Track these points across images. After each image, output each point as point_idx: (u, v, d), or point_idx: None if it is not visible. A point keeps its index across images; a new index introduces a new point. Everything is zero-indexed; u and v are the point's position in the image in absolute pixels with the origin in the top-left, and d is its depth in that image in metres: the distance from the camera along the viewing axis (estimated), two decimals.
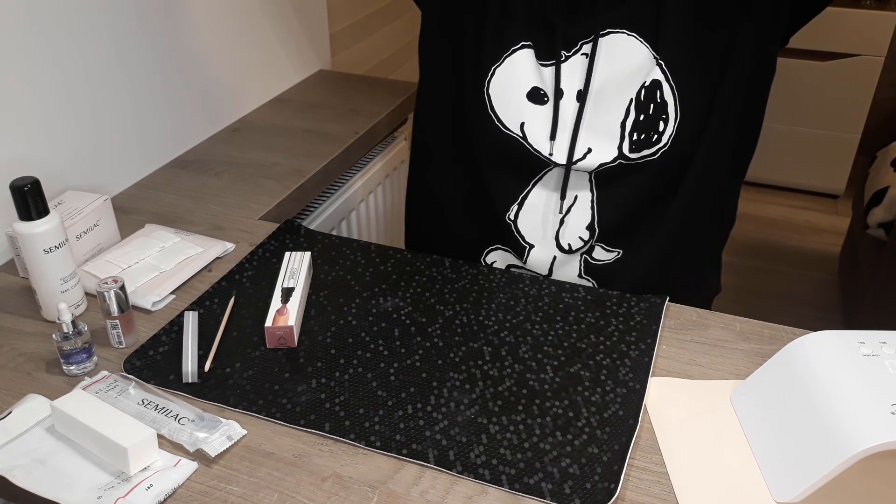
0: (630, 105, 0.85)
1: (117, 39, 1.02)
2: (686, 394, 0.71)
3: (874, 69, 2.61)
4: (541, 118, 0.88)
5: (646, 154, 0.86)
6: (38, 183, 0.73)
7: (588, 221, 0.90)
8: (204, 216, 1.00)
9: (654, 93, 0.84)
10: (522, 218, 0.92)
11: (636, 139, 0.86)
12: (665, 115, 0.85)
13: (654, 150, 0.86)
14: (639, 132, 0.85)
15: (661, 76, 0.84)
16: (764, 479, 0.62)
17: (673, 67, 0.84)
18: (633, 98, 0.84)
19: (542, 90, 0.87)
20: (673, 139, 0.86)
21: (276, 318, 0.75)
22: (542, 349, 0.75)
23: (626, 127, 0.85)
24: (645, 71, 0.84)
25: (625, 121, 0.85)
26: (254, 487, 0.61)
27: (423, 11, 0.97)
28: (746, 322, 0.80)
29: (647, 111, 0.85)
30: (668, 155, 0.87)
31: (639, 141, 0.86)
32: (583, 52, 0.86)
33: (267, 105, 1.36)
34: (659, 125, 0.85)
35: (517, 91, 0.88)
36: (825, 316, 2.24)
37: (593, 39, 0.85)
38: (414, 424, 0.66)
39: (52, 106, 0.95)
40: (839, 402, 0.58)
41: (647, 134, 0.85)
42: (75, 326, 0.71)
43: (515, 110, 0.88)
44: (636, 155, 0.86)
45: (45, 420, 0.66)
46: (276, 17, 1.35)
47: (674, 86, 0.84)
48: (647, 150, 0.86)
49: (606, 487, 0.60)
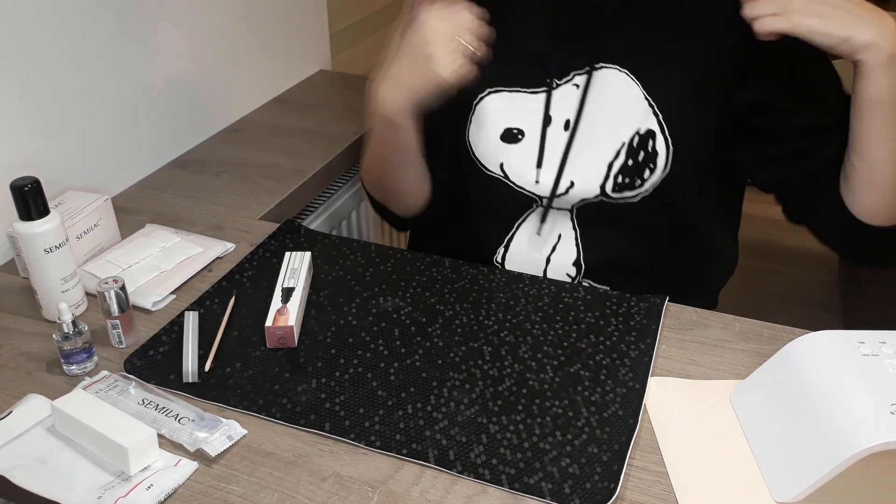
0: (621, 148, 0.84)
1: (118, 39, 1.02)
2: (686, 394, 0.71)
3: None
4: (516, 155, 0.87)
5: (626, 195, 0.86)
6: (38, 183, 0.73)
7: (574, 258, 0.90)
8: (204, 216, 1.00)
9: (647, 142, 0.84)
10: (510, 260, 0.93)
11: (620, 181, 0.85)
12: (653, 165, 0.84)
13: (635, 193, 0.86)
14: (624, 175, 0.85)
15: (657, 127, 0.83)
16: (763, 478, 0.62)
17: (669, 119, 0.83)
18: (626, 143, 0.84)
19: (514, 129, 0.86)
20: (656, 188, 0.85)
21: (276, 318, 0.75)
22: (541, 349, 0.75)
23: (612, 168, 0.85)
24: (640, 117, 0.83)
25: (612, 162, 0.84)
26: (254, 487, 0.61)
27: None
28: (746, 322, 0.80)
29: (636, 157, 0.84)
30: (648, 200, 0.86)
31: (622, 184, 0.85)
32: (574, 83, 0.85)
33: (267, 105, 1.36)
34: (645, 173, 0.84)
35: (491, 135, 0.88)
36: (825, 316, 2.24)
37: (588, 72, 0.85)
38: (414, 424, 0.66)
39: (53, 106, 0.95)
40: (839, 402, 0.58)
41: (632, 179, 0.85)
42: (76, 326, 0.71)
43: (493, 153, 0.88)
44: (617, 195, 0.86)
45: (46, 420, 0.66)
46: (276, 17, 1.35)
47: (669, 139, 0.83)
48: (628, 192, 0.86)
49: (606, 487, 0.60)
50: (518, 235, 0.92)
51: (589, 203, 0.87)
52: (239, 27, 1.26)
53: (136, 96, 1.07)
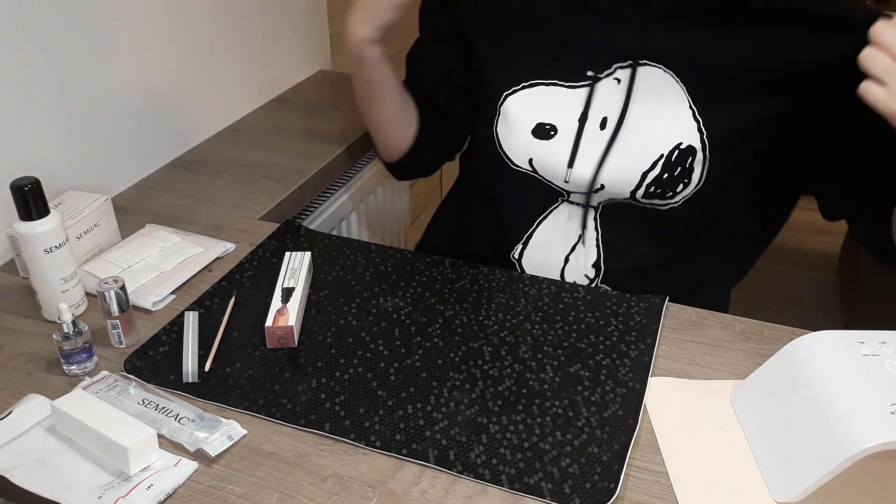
0: (659, 160, 0.82)
1: (118, 39, 1.02)
2: (686, 394, 0.71)
3: None
4: (548, 152, 0.86)
5: (655, 203, 0.85)
6: (38, 183, 0.73)
7: (594, 259, 0.90)
8: (204, 216, 1.00)
9: (686, 158, 0.82)
10: (527, 258, 0.92)
11: (651, 191, 0.84)
12: (688, 181, 0.83)
13: (665, 202, 0.85)
14: (656, 186, 0.84)
15: (699, 145, 0.81)
16: (763, 478, 0.62)
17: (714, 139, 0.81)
18: (665, 154, 0.82)
19: (547, 125, 0.85)
20: (686, 201, 0.84)
21: (276, 318, 0.75)
22: (541, 349, 0.75)
23: (646, 178, 0.83)
24: (683, 129, 0.81)
25: (648, 171, 0.83)
26: (254, 487, 0.61)
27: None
28: (746, 322, 0.80)
29: (672, 171, 0.83)
30: (676, 209, 0.85)
31: (653, 193, 0.84)
32: (615, 77, 0.83)
33: (267, 105, 1.36)
34: (678, 187, 0.84)
35: (521, 130, 0.87)
36: (825, 316, 2.24)
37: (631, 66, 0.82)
38: (414, 424, 0.66)
39: (53, 106, 0.95)
40: (839, 402, 0.58)
41: (664, 190, 0.84)
42: (76, 326, 0.71)
43: (522, 148, 0.88)
44: (646, 201, 0.85)
45: (46, 420, 0.66)
46: (276, 17, 1.35)
47: (708, 159, 0.82)
48: (658, 200, 0.85)
49: (606, 487, 0.60)
50: (538, 233, 0.91)
51: (615, 202, 0.87)
52: (239, 27, 1.26)
53: (137, 96, 1.07)
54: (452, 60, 0.96)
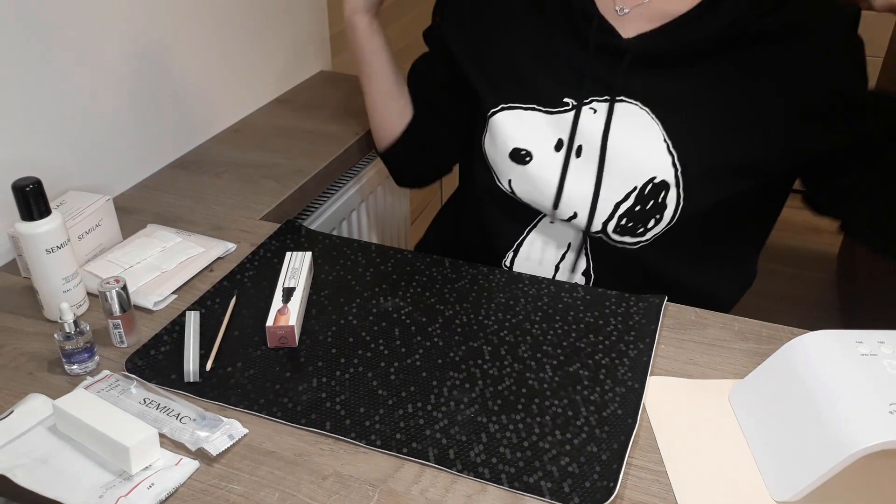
0: (632, 192, 0.83)
1: (118, 40, 1.02)
2: (685, 393, 0.71)
3: (873, 69, 2.61)
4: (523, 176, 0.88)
5: (626, 241, 0.86)
6: (39, 183, 0.73)
7: (584, 268, 0.90)
8: (205, 216, 1.00)
9: (659, 193, 0.82)
10: (517, 265, 0.93)
11: (623, 224, 0.84)
12: (659, 217, 0.83)
13: (636, 240, 0.85)
14: (628, 219, 0.84)
15: (673, 181, 0.81)
16: (762, 478, 0.62)
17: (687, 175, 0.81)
18: (638, 188, 0.83)
19: (522, 150, 0.86)
20: (657, 239, 0.85)
21: (277, 318, 0.76)
22: (541, 348, 0.76)
23: (618, 209, 0.84)
24: (658, 164, 0.82)
25: (620, 202, 0.84)
26: (255, 486, 0.61)
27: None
28: (745, 321, 0.81)
29: (644, 205, 0.83)
30: (647, 248, 0.86)
31: (624, 227, 0.84)
32: (591, 107, 0.84)
33: (268, 106, 1.36)
34: (650, 222, 0.84)
35: (501, 152, 0.89)
36: (823, 316, 2.25)
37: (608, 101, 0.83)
38: (414, 423, 0.67)
39: (54, 106, 0.95)
40: (837, 402, 0.59)
41: (635, 224, 0.84)
42: (77, 326, 0.71)
43: (502, 169, 0.89)
44: (617, 238, 0.85)
45: (47, 419, 0.67)
46: (276, 17, 1.35)
47: (682, 195, 0.82)
48: (629, 237, 0.85)
49: (605, 486, 0.61)
50: (527, 242, 0.92)
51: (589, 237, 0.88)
52: (239, 28, 1.26)
53: (138, 97, 1.08)
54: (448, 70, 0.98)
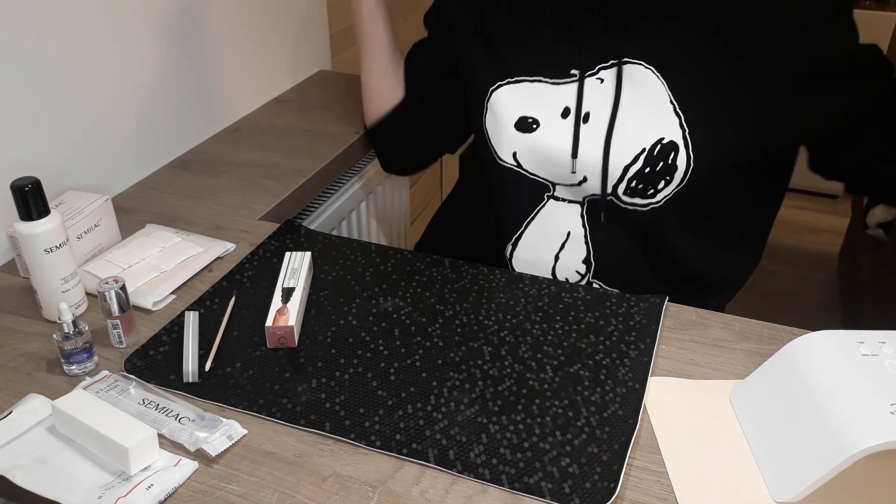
0: (641, 153, 0.83)
1: (118, 40, 1.02)
2: (685, 394, 0.71)
3: None
4: (530, 144, 0.88)
5: (637, 203, 0.85)
6: (38, 183, 0.73)
7: (584, 255, 0.90)
8: (204, 216, 1.00)
9: (668, 153, 0.82)
10: (518, 258, 0.93)
11: (633, 186, 0.84)
12: (670, 178, 0.83)
13: (646, 202, 0.85)
14: (638, 181, 0.84)
15: (681, 141, 0.81)
16: (763, 478, 0.62)
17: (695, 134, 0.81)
18: (647, 148, 0.83)
19: (529, 118, 0.87)
20: (668, 200, 0.84)
21: (276, 318, 0.76)
22: (541, 349, 0.75)
23: (628, 171, 0.84)
24: (665, 124, 0.82)
25: (630, 165, 0.84)
26: (254, 487, 0.61)
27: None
28: (746, 322, 0.80)
29: (654, 166, 0.83)
30: (658, 211, 0.86)
31: (634, 189, 0.84)
32: (598, 77, 0.85)
33: (267, 105, 1.36)
34: (660, 184, 0.84)
35: (505, 123, 0.89)
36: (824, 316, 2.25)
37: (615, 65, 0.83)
38: (414, 424, 0.67)
39: (53, 106, 0.95)
40: (838, 402, 0.58)
41: (645, 186, 0.84)
42: (76, 326, 0.71)
43: (506, 141, 0.89)
44: (628, 199, 0.85)
45: (46, 420, 0.66)
46: (276, 17, 1.35)
47: (691, 156, 0.82)
48: (639, 199, 0.85)
49: (606, 487, 0.60)
50: (528, 232, 0.92)
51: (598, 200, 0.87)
52: (239, 27, 1.26)
53: (137, 96, 1.08)
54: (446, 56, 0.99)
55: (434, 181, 2.24)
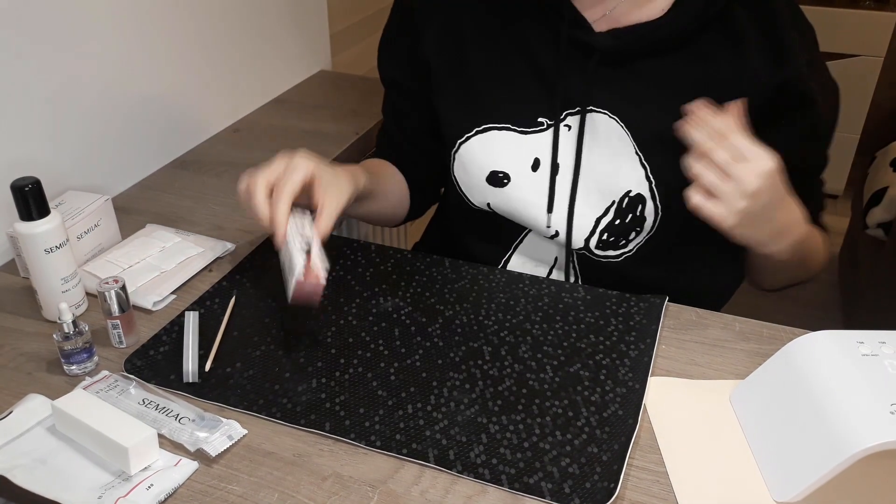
0: (611, 206, 0.84)
1: (118, 40, 1.02)
2: (685, 394, 0.71)
3: (873, 69, 2.62)
4: (502, 199, 0.87)
5: (609, 254, 0.86)
6: (38, 183, 0.73)
7: (572, 281, 0.90)
8: (204, 216, 1.00)
9: (637, 206, 0.83)
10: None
11: (605, 239, 0.85)
12: (640, 229, 0.84)
13: (618, 252, 0.86)
14: (609, 234, 0.85)
15: (648, 193, 0.82)
16: (763, 478, 0.62)
17: (662, 186, 0.82)
18: (616, 202, 0.83)
19: (500, 173, 0.86)
20: (640, 246, 0.85)
21: (306, 271, 0.71)
22: (541, 349, 0.75)
23: (599, 223, 0.84)
24: (632, 176, 0.82)
25: (601, 217, 0.84)
26: (254, 487, 0.61)
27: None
28: (746, 322, 0.80)
29: (623, 218, 0.84)
30: (630, 259, 0.86)
31: (606, 241, 0.85)
32: (565, 124, 0.84)
33: (267, 105, 1.36)
34: (630, 234, 0.84)
35: (476, 176, 0.87)
36: (824, 316, 2.24)
37: (579, 112, 0.83)
38: (414, 424, 0.67)
39: (54, 106, 0.95)
40: (838, 402, 0.58)
41: (617, 238, 0.85)
42: (76, 326, 0.71)
43: (479, 193, 0.89)
44: (600, 253, 0.86)
45: (46, 420, 0.66)
46: (276, 17, 1.35)
47: (658, 207, 0.82)
48: (611, 251, 0.86)
49: (606, 487, 0.60)
50: (514, 259, 0.92)
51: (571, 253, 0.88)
52: (239, 28, 1.26)
53: (137, 96, 1.08)
54: (417, 103, 0.95)
55: None
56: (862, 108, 2.66)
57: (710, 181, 0.70)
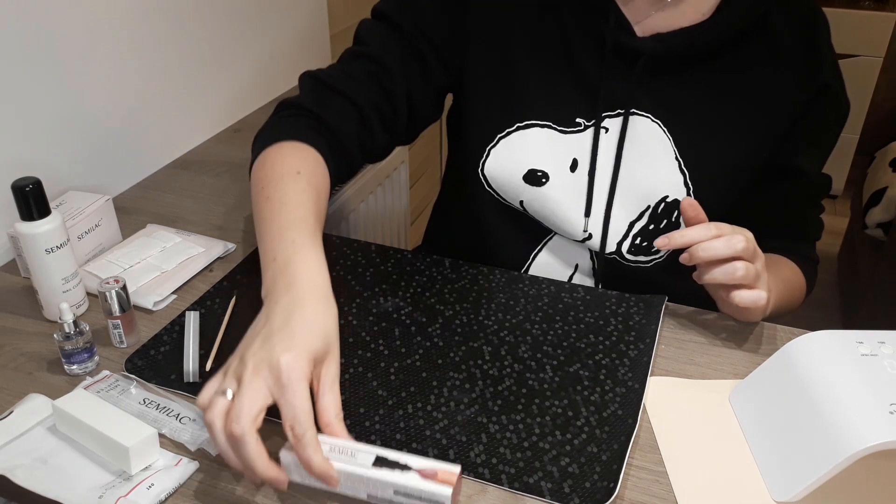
0: (646, 210, 0.84)
1: (119, 40, 1.02)
2: (685, 393, 0.71)
3: (873, 70, 2.62)
4: (538, 199, 0.86)
5: (640, 260, 0.86)
6: (39, 183, 0.73)
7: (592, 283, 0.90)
8: (205, 216, 1.00)
9: (672, 211, 0.83)
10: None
11: (638, 244, 0.85)
12: None
13: (650, 258, 0.86)
14: (642, 238, 0.84)
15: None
16: (762, 478, 0.62)
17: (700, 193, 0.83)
18: (651, 206, 0.83)
19: (538, 171, 0.84)
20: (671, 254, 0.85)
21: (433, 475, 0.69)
22: (541, 349, 0.76)
23: (633, 228, 0.84)
24: (671, 182, 0.82)
25: (635, 222, 0.84)
26: (254, 487, 0.61)
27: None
28: (745, 322, 0.80)
29: (657, 223, 0.84)
30: (661, 265, 0.86)
31: (639, 246, 0.85)
32: (603, 126, 0.83)
33: (268, 106, 1.36)
34: None
35: (513, 173, 0.85)
36: (824, 316, 2.25)
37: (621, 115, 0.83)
38: (414, 424, 0.67)
39: (54, 107, 0.95)
40: (837, 402, 0.58)
41: (650, 243, 0.85)
42: (77, 326, 0.71)
43: (514, 190, 0.86)
44: (632, 258, 0.86)
45: (47, 419, 0.67)
46: (276, 17, 1.35)
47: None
48: (643, 256, 0.85)
49: (605, 486, 0.61)
50: (536, 263, 0.91)
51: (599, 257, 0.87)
52: (239, 27, 1.26)
53: (138, 97, 1.08)
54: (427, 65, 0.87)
55: (434, 181, 2.24)
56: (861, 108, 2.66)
57: (738, 274, 0.72)
